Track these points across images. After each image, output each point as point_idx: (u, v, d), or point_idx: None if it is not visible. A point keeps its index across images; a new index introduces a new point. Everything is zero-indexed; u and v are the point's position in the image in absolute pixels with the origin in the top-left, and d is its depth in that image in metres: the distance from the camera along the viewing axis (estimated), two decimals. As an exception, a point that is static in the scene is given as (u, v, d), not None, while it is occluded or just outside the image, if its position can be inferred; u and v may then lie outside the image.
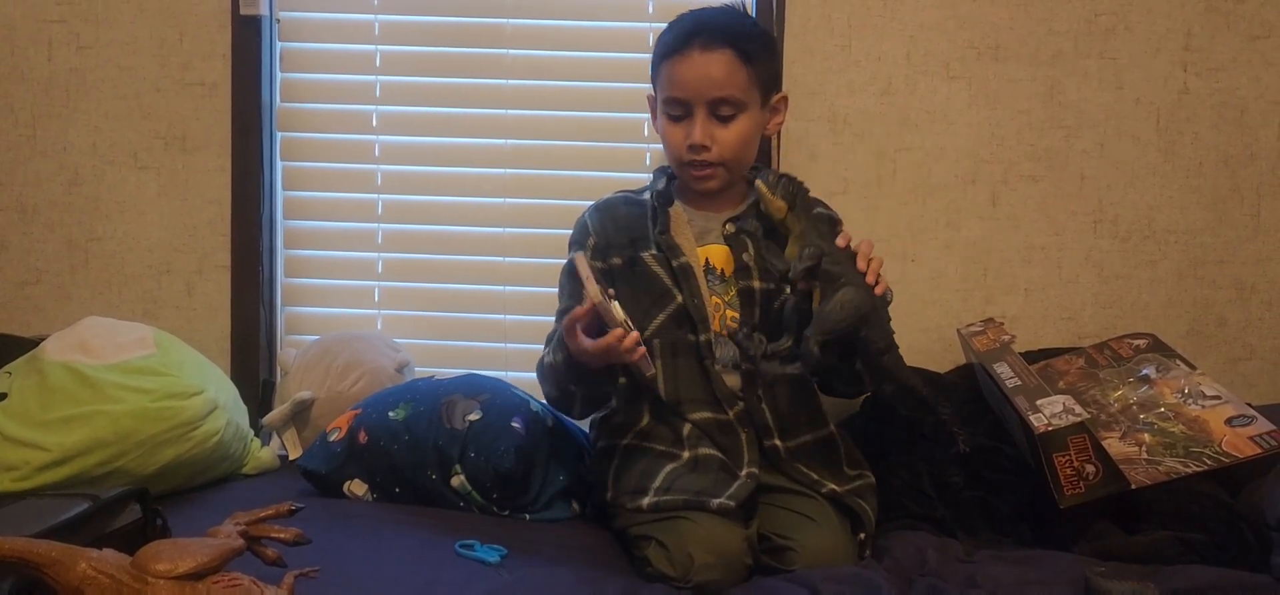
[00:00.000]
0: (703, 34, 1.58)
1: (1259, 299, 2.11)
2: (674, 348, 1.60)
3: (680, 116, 1.61)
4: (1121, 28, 2.07)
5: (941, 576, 1.40)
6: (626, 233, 1.66)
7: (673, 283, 1.61)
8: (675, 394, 1.60)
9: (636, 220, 1.67)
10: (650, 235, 1.65)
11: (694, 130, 1.59)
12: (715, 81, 1.57)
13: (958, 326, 2.04)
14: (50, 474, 1.60)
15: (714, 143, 1.60)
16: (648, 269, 1.62)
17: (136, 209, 2.14)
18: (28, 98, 2.13)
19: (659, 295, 1.61)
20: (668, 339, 1.60)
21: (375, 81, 2.15)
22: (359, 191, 2.17)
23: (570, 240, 1.72)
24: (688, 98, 1.59)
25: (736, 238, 1.65)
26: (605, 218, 1.68)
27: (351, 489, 1.72)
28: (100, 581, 1.08)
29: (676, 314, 1.60)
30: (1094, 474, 1.51)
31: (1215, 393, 1.67)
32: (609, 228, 1.67)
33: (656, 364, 1.59)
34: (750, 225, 1.64)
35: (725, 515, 1.46)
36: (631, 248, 1.64)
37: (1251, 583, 1.37)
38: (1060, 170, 2.10)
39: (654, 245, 1.64)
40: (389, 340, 2.08)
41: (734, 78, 1.58)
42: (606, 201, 1.72)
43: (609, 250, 1.65)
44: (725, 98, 1.58)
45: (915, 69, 2.09)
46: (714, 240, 1.66)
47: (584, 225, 1.70)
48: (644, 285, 1.62)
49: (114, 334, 1.77)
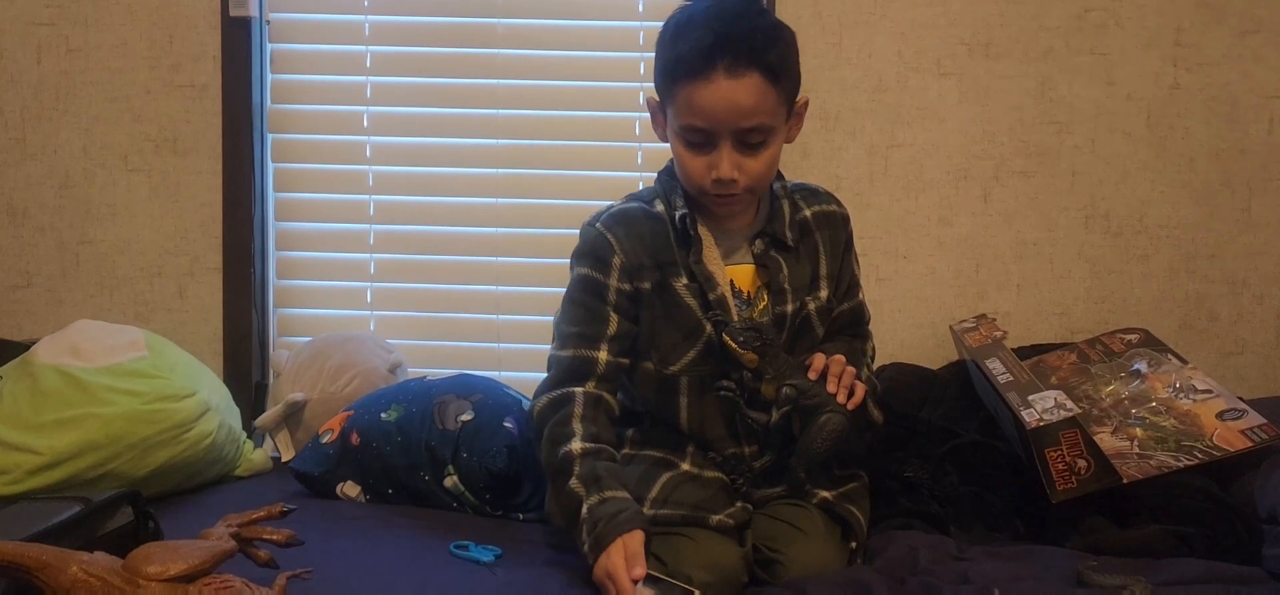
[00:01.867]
0: (727, 54, 1.38)
1: (1250, 293, 2.12)
2: (701, 384, 1.50)
3: (701, 144, 1.43)
4: (1112, 23, 2.07)
5: (934, 574, 1.40)
6: (652, 254, 1.49)
7: (704, 315, 1.48)
8: (700, 430, 1.53)
9: (661, 239, 1.50)
10: (678, 260, 1.49)
11: (721, 164, 1.42)
12: (744, 110, 1.40)
13: (950, 323, 2.05)
14: (42, 477, 1.59)
15: (742, 173, 1.43)
16: (680, 300, 1.48)
17: (127, 211, 2.14)
18: (17, 101, 2.12)
19: (690, 329, 1.49)
20: (696, 375, 1.50)
21: (366, 82, 2.15)
22: (350, 193, 2.17)
23: (581, 252, 1.53)
24: (712, 127, 1.41)
25: (766, 256, 1.52)
26: (629, 234, 1.49)
27: (344, 490, 1.72)
28: (92, 584, 1.08)
29: (707, 348, 1.49)
30: (1086, 469, 1.51)
31: (1206, 387, 1.68)
32: (636, 246, 1.49)
33: (683, 401, 1.52)
34: (780, 235, 1.54)
35: (723, 532, 1.42)
36: (659, 271, 1.49)
37: (1243, 575, 1.37)
38: (1052, 166, 2.10)
39: (685, 272, 1.49)
40: (381, 341, 2.08)
41: (763, 103, 1.41)
42: (623, 213, 1.52)
43: (639, 273, 1.48)
44: (755, 126, 1.41)
45: (907, 66, 2.09)
46: (739, 259, 1.53)
47: (605, 241, 1.49)
48: (674, 318, 1.49)
49: (105, 337, 1.77)
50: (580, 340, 1.48)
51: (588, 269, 1.50)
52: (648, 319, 1.50)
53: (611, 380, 1.49)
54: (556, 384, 1.48)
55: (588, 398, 1.45)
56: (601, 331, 1.48)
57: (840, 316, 1.61)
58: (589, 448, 1.41)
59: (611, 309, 1.48)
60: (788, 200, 1.57)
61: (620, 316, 1.49)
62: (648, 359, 1.52)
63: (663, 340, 1.49)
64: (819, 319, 1.56)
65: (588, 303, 1.50)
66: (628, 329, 1.50)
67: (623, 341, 1.49)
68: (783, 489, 1.53)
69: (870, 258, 2.11)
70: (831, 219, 1.60)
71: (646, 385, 1.54)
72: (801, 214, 1.57)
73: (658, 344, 1.50)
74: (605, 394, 1.47)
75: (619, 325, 1.49)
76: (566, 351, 1.49)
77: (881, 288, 2.12)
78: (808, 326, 1.55)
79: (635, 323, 1.50)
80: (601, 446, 1.42)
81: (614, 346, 1.48)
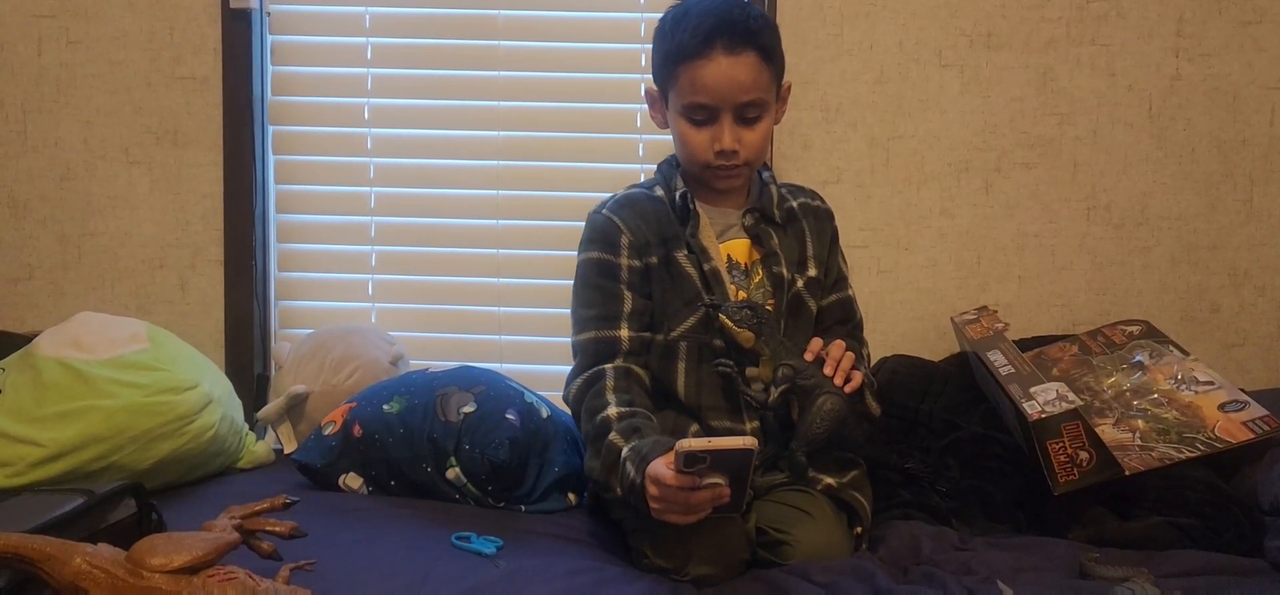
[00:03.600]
0: (726, 36, 1.52)
1: (1252, 285, 2.12)
2: (699, 352, 1.56)
3: (704, 121, 1.56)
4: (1114, 14, 2.07)
5: (936, 564, 1.40)
6: (657, 230, 1.60)
7: (703, 286, 1.57)
8: (696, 400, 1.57)
9: (663, 217, 1.61)
10: (681, 235, 1.60)
11: (723, 136, 1.55)
12: (743, 85, 1.53)
13: (951, 315, 2.05)
14: (45, 470, 1.60)
15: (741, 145, 1.56)
16: (682, 269, 1.58)
17: (128, 204, 2.14)
18: (18, 93, 2.12)
19: (690, 298, 1.57)
20: (694, 343, 1.56)
21: (367, 75, 2.15)
22: (351, 185, 2.17)
23: (588, 239, 1.62)
24: (714, 103, 1.54)
25: (757, 228, 1.62)
26: (634, 214, 1.61)
27: (346, 482, 1.72)
28: (95, 576, 1.08)
29: (706, 318, 1.56)
30: (1087, 461, 1.51)
31: (1208, 378, 1.68)
32: (641, 225, 1.59)
33: (681, 366, 1.56)
34: (769, 213, 1.63)
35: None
36: (664, 246, 1.59)
37: (1244, 567, 1.38)
38: (1053, 157, 2.10)
39: (685, 245, 1.59)
40: (383, 333, 2.08)
41: (759, 79, 1.54)
42: (627, 198, 1.64)
43: (646, 250, 1.58)
44: (752, 101, 1.55)
45: (908, 57, 2.09)
46: (733, 235, 1.62)
47: (612, 224, 1.60)
48: (678, 287, 1.58)
49: (107, 329, 1.76)
50: (601, 322, 1.56)
51: (598, 252, 1.59)
52: (657, 293, 1.57)
53: (638, 354, 1.56)
54: (585, 366, 1.55)
55: (618, 371, 1.52)
56: (619, 310, 1.56)
57: (831, 309, 1.65)
58: (625, 411, 1.47)
59: (625, 287, 1.57)
60: (775, 188, 1.67)
61: (634, 293, 1.57)
62: (657, 330, 1.58)
63: (666, 309, 1.57)
64: (810, 295, 1.62)
65: (602, 285, 1.58)
66: (643, 305, 1.58)
67: (641, 317, 1.57)
68: (786, 476, 1.54)
69: (871, 249, 2.11)
70: (817, 212, 1.70)
71: (652, 355, 1.59)
72: (789, 204, 1.67)
73: (662, 313, 1.57)
74: (634, 366, 1.54)
75: (634, 302, 1.57)
76: (587, 334, 1.56)
77: (882, 279, 2.12)
78: (800, 305, 1.61)
79: (649, 299, 1.58)
80: (636, 410, 1.48)
81: (634, 322, 1.56)
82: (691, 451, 1.23)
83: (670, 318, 1.57)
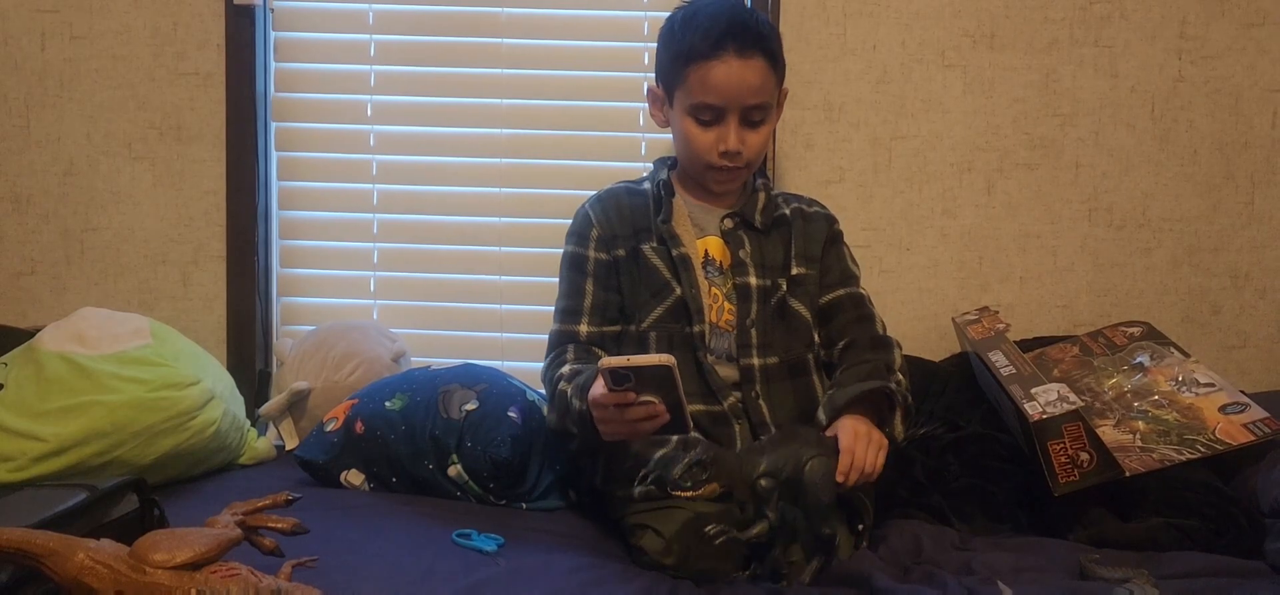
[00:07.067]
0: (737, 39, 1.55)
1: (1253, 287, 2.12)
2: (670, 340, 1.60)
3: (710, 121, 1.59)
4: (1117, 16, 2.07)
5: (937, 564, 1.41)
6: (630, 223, 1.65)
7: (672, 274, 1.61)
8: None
9: (639, 211, 1.66)
10: (652, 225, 1.64)
11: (728, 137, 1.58)
12: (752, 88, 1.57)
13: (953, 315, 2.05)
14: (47, 464, 1.60)
15: (745, 147, 1.60)
16: (648, 262, 1.62)
17: (131, 199, 2.14)
18: (21, 88, 2.12)
19: (658, 288, 1.61)
20: (665, 332, 1.60)
21: (370, 71, 2.15)
22: (354, 181, 2.17)
23: (569, 231, 1.70)
24: (722, 104, 1.58)
25: (733, 233, 1.65)
26: (608, 208, 1.67)
27: (348, 479, 1.72)
28: (98, 571, 1.08)
29: (674, 307, 1.60)
30: (1088, 462, 1.51)
31: (1209, 380, 1.68)
32: (613, 218, 1.66)
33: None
34: (751, 218, 1.65)
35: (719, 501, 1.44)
36: (634, 239, 1.64)
37: (1245, 569, 1.38)
38: (1055, 158, 2.10)
39: (655, 235, 1.63)
40: (385, 330, 2.08)
41: (767, 83, 1.59)
42: (609, 192, 1.71)
43: (614, 242, 1.64)
44: (759, 103, 1.59)
45: (911, 57, 2.09)
46: (713, 233, 1.66)
47: (586, 217, 1.67)
48: (644, 278, 1.62)
49: (110, 324, 1.77)
50: (567, 315, 1.64)
51: (572, 245, 1.68)
52: (626, 285, 1.63)
53: (598, 344, 1.62)
54: (550, 349, 1.64)
55: (578, 349, 1.61)
56: (581, 304, 1.63)
57: (840, 304, 1.66)
58: (576, 370, 1.55)
59: (590, 279, 1.64)
60: (767, 195, 1.69)
61: (598, 286, 1.63)
62: (629, 321, 1.63)
63: (635, 299, 1.62)
64: (795, 296, 1.63)
65: (571, 276, 1.66)
66: (607, 298, 1.64)
67: (604, 310, 1.63)
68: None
69: (873, 249, 2.11)
70: (811, 216, 1.71)
71: (624, 346, 1.63)
72: (780, 210, 1.69)
73: (632, 304, 1.62)
74: (594, 348, 1.61)
75: (596, 294, 1.63)
76: (556, 325, 1.65)
77: (884, 279, 2.12)
78: (785, 307, 1.63)
79: (618, 292, 1.64)
80: (586, 367, 1.54)
81: (594, 317, 1.63)
82: (613, 368, 1.31)
83: (639, 308, 1.61)
